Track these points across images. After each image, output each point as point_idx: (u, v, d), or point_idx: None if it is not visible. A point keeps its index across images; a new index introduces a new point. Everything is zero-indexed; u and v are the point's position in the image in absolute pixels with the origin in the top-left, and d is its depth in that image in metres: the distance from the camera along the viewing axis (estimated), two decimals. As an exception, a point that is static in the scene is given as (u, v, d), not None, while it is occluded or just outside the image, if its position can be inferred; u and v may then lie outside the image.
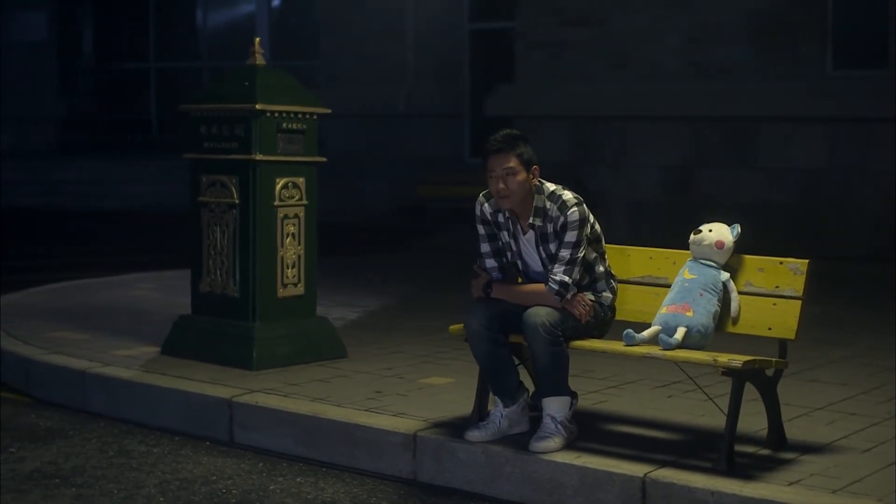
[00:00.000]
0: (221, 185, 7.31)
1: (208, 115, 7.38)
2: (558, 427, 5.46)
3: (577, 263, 5.43)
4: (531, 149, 5.52)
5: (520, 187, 5.45)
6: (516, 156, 5.44)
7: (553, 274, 5.44)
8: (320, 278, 11.09)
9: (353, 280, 11.59)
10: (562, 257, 5.43)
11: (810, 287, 5.43)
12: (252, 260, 7.21)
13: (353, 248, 14.98)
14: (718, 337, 5.60)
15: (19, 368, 7.60)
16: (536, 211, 5.50)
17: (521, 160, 5.44)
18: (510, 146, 5.45)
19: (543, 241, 5.51)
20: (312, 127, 7.45)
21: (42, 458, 6.16)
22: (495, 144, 5.48)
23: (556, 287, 5.42)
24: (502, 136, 5.51)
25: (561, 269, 5.43)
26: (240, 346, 7.20)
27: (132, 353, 7.62)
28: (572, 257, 5.43)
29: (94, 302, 9.78)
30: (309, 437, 6.13)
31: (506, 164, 5.43)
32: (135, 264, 12.44)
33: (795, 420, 6.04)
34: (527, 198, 5.50)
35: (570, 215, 5.43)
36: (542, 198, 5.51)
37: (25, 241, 16.54)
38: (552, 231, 5.47)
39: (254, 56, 7.47)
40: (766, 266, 5.48)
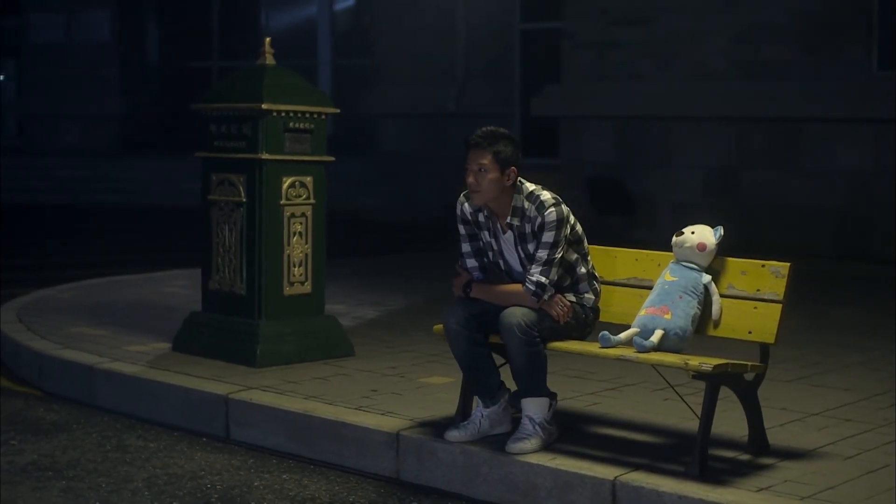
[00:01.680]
0: (230, 183, 7.38)
1: (217, 114, 7.45)
2: (536, 428, 5.44)
3: (554, 264, 5.41)
4: (513, 149, 5.47)
5: (489, 185, 5.43)
6: (492, 153, 5.41)
7: (530, 275, 5.43)
8: (352, 277, 11.25)
9: (386, 279, 11.63)
10: (539, 258, 5.42)
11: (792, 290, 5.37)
12: (258, 258, 7.27)
13: (400, 247, 15.04)
14: (700, 340, 5.55)
15: (33, 363, 7.73)
16: (515, 211, 5.49)
17: (495, 158, 5.42)
18: (488, 143, 5.43)
19: (522, 241, 5.50)
20: (321, 126, 7.49)
21: (40, 451, 6.26)
22: (475, 139, 5.46)
23: (533, 288, 5.40)
24: (483, 131, 5.49)
25: (538, 270, 5.41)
26: (245, 344, 7.26)
27: (144, 349, 7.72)
28: (549, 258, 5.41)
29: (123, 298, 9.90)
30: (300, 434, 6.18)
31: (480, 160, 5.42)
32: (186, 260, 12.58)
33: (788, 425, 5.98)
34: (503, 197, 5.48)
35: (547, 216, 5.41)
36: (520, 198, 5.49)
37: (81, 237, 16.82)
38: (530, 231, 5.46)
39: (263, 56, 7.53)
40: (749, 269, 5.42)
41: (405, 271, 12.32)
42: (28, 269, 12.52)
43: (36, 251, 15.07)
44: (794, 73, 13.48)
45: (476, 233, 5.66)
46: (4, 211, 20.27)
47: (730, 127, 13.94)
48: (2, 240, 16.40)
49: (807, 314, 9.25)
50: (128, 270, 11.90)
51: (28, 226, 18.33)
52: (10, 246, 15.65)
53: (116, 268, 12.20)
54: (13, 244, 15.95)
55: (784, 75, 13.58)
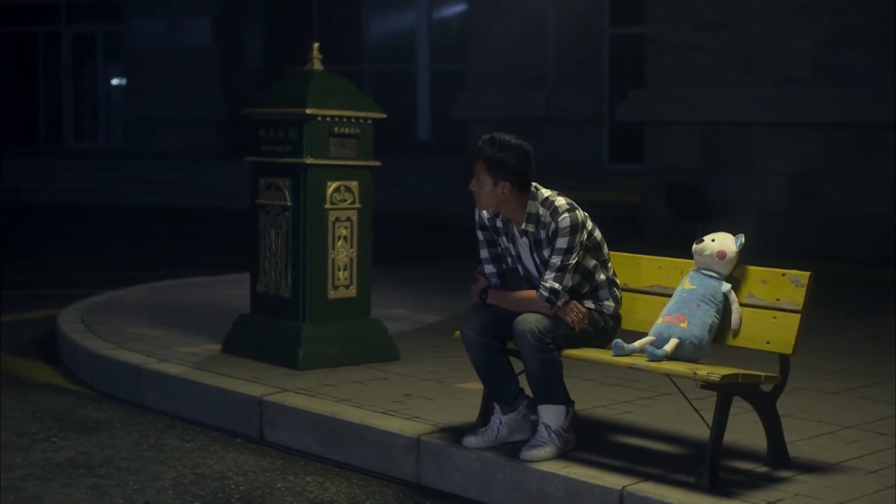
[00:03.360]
0: (276, 187, 7.46)
1: (265, 118, 7.53)
2: (552, 436, 5.41)
3: (568, 270, 5.37)
4: (514, 161, 5.38)
5: (484, 195, 5.44)
6: (486, 164, 5.39)
7: (544, 281, 5.39)
8: (425, 281, 11.28)
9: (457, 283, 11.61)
10: (553, 264, 5.38)
11: (812, 300, 5.25)
12: (303, 261, 7.33)
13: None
14: (721, 350, 5.47)
15: (88, 362, 7.89)
16: (529, 217, 5.46)
17: (489, 170, 5.39)
18: (484, 152, 5.41)
19: (537, 247, 5.47)
20: (367, 131, 7.52)
21: (78, 449, 6.38)
22: (479, 147, 5.46)
23: (546, 294, 5.37)
24: (485, 139, 5.47)
25: (552, 276, 5.38)
26: (288, 346, 7.33)
27: (195, 350, 7.83)
28: (563, 264, 5.37)
29: (190, 299, 10.05)
30: (327, 437, 6.22)
31: (476, 168, 5.43)
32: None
33: (818, 437, 5.87)
34: (511, 204, 5.46)
35: (560, 221, 5.37)
36: (535, 203, 5.46)
37: (171, 239, 17.13)
38: (545, 237, 5.43)
39: (311, 61, 7.58)
40: (769, 278, 5.33)
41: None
42: (111, 269, 12.81)
43: (124, 252, 15.40)
44: (878, 79, 13.19)
45: (494, 239, 5.65)
46: (101, 213, 20.75)
47: (812, 132, 13.69)
48: (94, 240, 16.81)
49: (869, 324, 9.06)
50: (209, 272, 12.07)
51: (123, 227, 18.74)
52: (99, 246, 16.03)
53: (199, 269, 12.39)
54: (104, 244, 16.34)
55: (868, 80, 13.30)
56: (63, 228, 18.76)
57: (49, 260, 14.46)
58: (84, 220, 19.95)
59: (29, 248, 15.72)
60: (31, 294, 11.40)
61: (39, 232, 18.17)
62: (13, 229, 18.32)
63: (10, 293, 11.51)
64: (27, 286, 12.03)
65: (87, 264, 13.94)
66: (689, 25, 14.43)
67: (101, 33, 26.95)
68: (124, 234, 17.94)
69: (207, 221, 19.30)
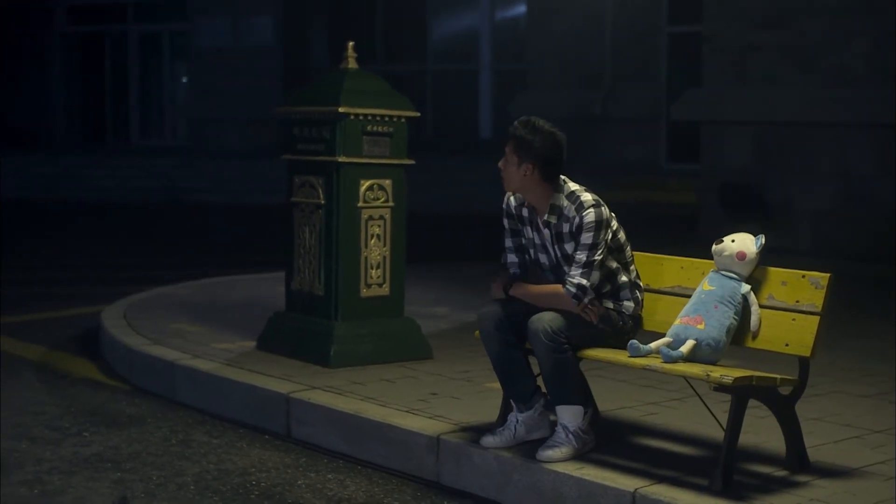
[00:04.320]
0: (310, 185, 7.48)
1: (300, 117, 7.56)
2: (570, 437, 5.37)
3: (594, 267, 5.34)
4: (541, 146, 5.37)
5: (510, 175, 5.45)
6: (515, 144, 5.41)
7: (570, 276, 5.35)
8: (470, 280, 11.26)
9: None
10: (578, 260, 5.35)
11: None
12: (335, 259, 7.35)
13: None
14: (739, 352, 5.41)
15: (125, 358, 7.97)
16: (553, 208, 5.44)
17: (516, 150, 5.40)
18: (515, 131, 5.43)
19: (559, 240, 5.44)
20: (401, 130, 7.52)
21: (107, 443, 6.45)
22: (512, 126, 5.49)
23: (574, 290, 5.33)
24: (521, 120, 5.49)
25: (578, 272, 5.34)
26: (321, 344, 7.35)
27: (231, 347, 7.88)
28: (589, 260, 5.33)
29: (234, 296, 10.12)
30: (351, 435, 6.23)
31: (507, 148, 5.45)
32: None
33: (843, 442, 5.78)
34: (536, 191, 5.44)
35: (585, 216, 5.34)
36: (560, 196, 5.44)
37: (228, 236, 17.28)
38: (568, 231, 5.40)
39: (346, 60, 7.59)
40: (789, 279, 5.25)
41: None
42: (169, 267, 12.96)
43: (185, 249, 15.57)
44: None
45: (519, 228, 5.63)
46: (165, 210, 20.97)
47: (869, 133, 13.49)
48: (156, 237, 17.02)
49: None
50: (264, 269, 12.15)
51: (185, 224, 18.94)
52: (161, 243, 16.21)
53: (254, 266, 12.47)
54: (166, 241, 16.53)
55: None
56: (126, 225, 18.98)
57: (109, 257, 14.63)
58: (148, 217, 20.18)
59: (91, 245, 15.94)
60: (86, 290, 11.54)
61: (102, 229, 18.39)
62: (78, 226, 18.59)
63: (68, 289, 11.69)
64: (85, 282, 12.19)
65: (146, 261, 14.10)
66: (745, 24, 14.28)
67: (168, 33, 27.22)
68: (186, 232, 18.14)
69: (269, 219, 19.41)
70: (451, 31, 25.74)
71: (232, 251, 15.33)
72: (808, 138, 13.93)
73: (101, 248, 15.70)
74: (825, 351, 7.72)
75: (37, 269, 13.24)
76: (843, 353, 7.94)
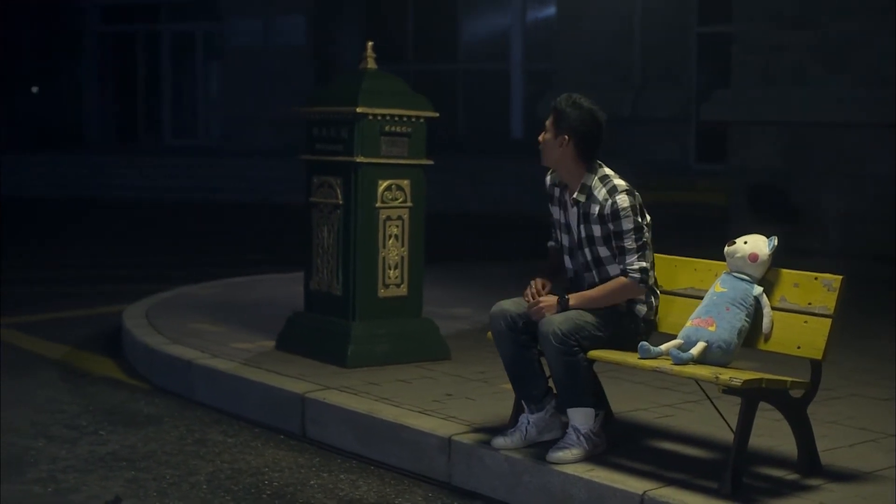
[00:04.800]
0: (328, 185, 7.49)
1: (318, 117, 7.58)
2: (580, 439, 5.36)
3: (647, 248, 5.39)
4: (577, 120, 5.43)
5: (547, 147, 5.50)
6: (555, 117, 5.48)
7: (628, 264, 5.37)
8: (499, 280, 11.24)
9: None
10: (629, 247, 5.37)
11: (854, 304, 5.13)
12: (353, 259, 7.36)
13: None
14: (757, 354, 5.38)
15: (145, 357, 8.00)
16: (583, 187, 5.47)
17: (554, 123, 5.47)
18: (556, 105, 5.49)
19: (585, 220, 5.47)
20: (419, 130, 7.51)
21: (123, 442, 6.48)
22: (553, 101, 5.56)
23: (639, 275, 5.36)
24: (564, 95, 5.54)
25: (634, 257, 5.37)
26: (338, 344, 7.36)
27: (250, 347, 7.89)
28: (639, 244, 5.37)
29: (258, 295, 10.13)
30: (364, 435, 6.24)
31: (547, 122, 5.52)
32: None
33: (859, 445, 5.74)
34: (570, 167, 5.49)
35: (619, 200, 5.36)
36: (592, 177, 5.47)
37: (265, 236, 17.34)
38: (597, 214, 5.42)
39: (365, 60, 7.60)
40: (802, 281, 5.21)
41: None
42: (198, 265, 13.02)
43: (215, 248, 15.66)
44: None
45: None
46: (197, 209, 21.07)
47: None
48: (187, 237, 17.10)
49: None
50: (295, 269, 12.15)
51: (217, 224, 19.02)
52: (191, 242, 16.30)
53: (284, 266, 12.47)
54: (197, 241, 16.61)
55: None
56: (154, 224, 19.08)
57: (135, 256, 14.72)
58: (176, 216, 20.29)
59: (118, 244, 16.03)
60: (111, 289, 11.61)
61: (130, 228, 18.50)
62: (105, 225, 18.70)
63: (94, 287, 11.76)
64: (110, 281, 12.26)
65: (172, 260, 14.18)
66: (774, 24, 14.19)
67: (201, 32, 27.32)
68: (213, 231, 18.21)
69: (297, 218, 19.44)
70: (483, 30, 25.73)
71: (259, 250, 15.38)
72: (837, 139, 13.83)
73: (127, 246, 15.80)
74: (845, 353, 7.69)
75: (64, 268, 13.33)
76: (864, 356, 7.88)
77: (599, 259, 5.49)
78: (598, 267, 5.50)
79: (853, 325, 8.60)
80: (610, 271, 5.47)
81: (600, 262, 5.49)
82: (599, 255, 5.49)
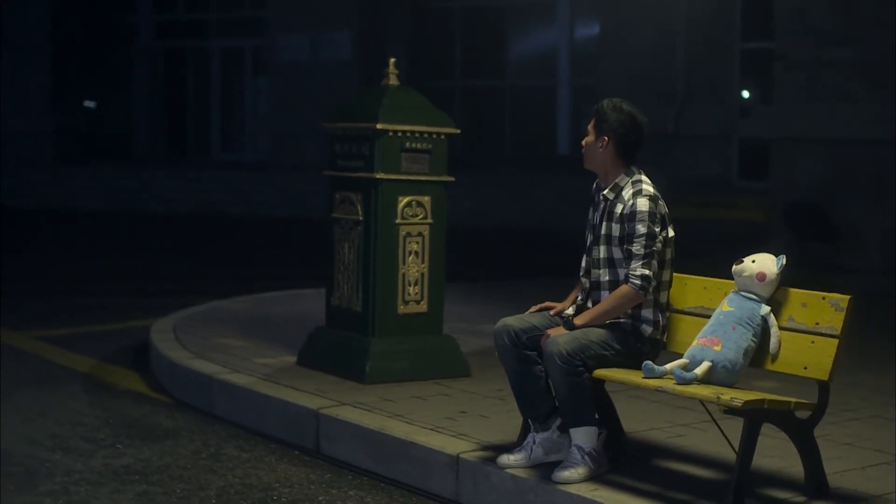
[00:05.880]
0: (349, 201, 7.51)
1: (340, 133, 7.60)
2: (585, 458, 5.32)
3: (654, 257, 5.36)
4: (617, 122, 5.48)
5: (589, 149, 5.56)
6: (596, 119, 5.54)
7: (632, 270, 5.35)
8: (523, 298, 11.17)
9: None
10: (636, 252, 5.35)
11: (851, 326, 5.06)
12: (373, 276, 7.36)
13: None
14: (759, 374, 5.32)
15: (168, 371, 8.04)
16: (614, 187, 5.52)
17: (596, 125, 5.53)
18: (597, 108, 5.55)
19: (608, 218, 5.49)
20: (440, 146, 7.51)
21: (138, 456, 6.51)
22: (596, 105, 5.62)
23: (639, 282, 5.34)
24: (605, 100, 5.59)
25: (639, 264, 5.35)
26: (357, 360, 7.36)
27: (272, 362, 7.92)
28: (648, 251, 5.35)
29: (289, 311, 10.15)
30: (375, 452, 6.23)
31: (589, 126, 5.58)
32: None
33: (871, 468, 5.66)
34: (608, 167, 5.53)
35: (639, 203, 5.37)
36: (626, 179, 5.51)
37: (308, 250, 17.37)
38: (619, 213, 5.43)
39: (387, 76, 7.60)
40: (810, 301, 5.15)
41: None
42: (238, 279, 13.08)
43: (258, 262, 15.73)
44: None
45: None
46: (236, 223, 21.19)
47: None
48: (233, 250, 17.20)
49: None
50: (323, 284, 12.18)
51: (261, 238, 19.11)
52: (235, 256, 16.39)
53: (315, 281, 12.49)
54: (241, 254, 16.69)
55: None
56: (197, 238, 19.21)
57: (175, 269, 14.82)
58: (220, 230, 20.42)
59: (159, 257, 16.14)
60: (146, 302, 11.66)
61: (173, 241, 18.63)
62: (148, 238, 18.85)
63: (129, 300, 11.84)
64: (147, 294, 12.34)
65: (212, 273, 14.26)
66: (816, 41, 14.06)
67: (250, 48, 27.49)
68: (256, 245, 18.30)
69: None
70: (530, 46, 25.67)
71: (301, 265, 15.40)
72: (878, 156, 13.68)
73: (171, 260, 15.90)
74: (870, 374, 7.60)
75: (103, 280, 13.43)
76: (888, 377, 7.77)
77: (612, 259, 5.49)
78: (610, 267, 5.50)
79: (883, 346, 8.51)
80: (620, 274, 5.46)
81: (612, 263, 5.49)
82: (613, 255, 5.49)
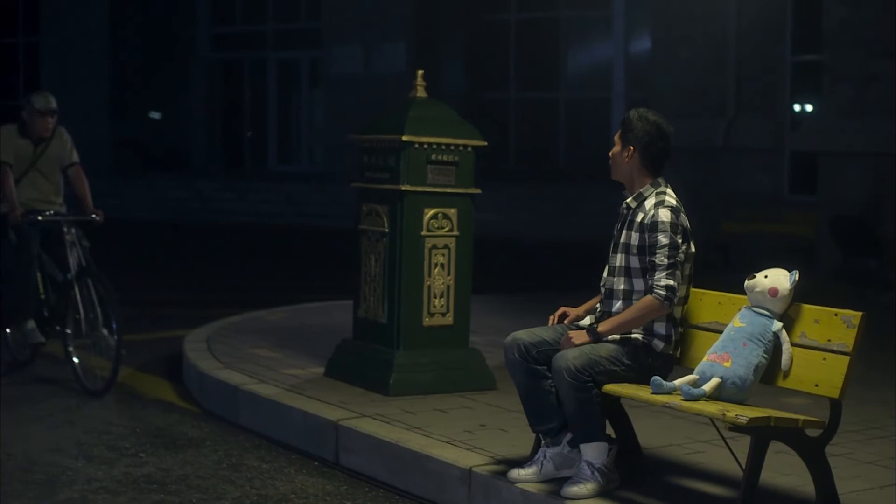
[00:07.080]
0: (376, 213, 7.52)
1: (368, 145, 7.62)
2: (595, 474, 5.29)
3: (677, 267, 5.33)
4: (642, 131, 5.46)
5: (615, 159, 5.55)
6: (623, 129, 5.53)
7: (656, 281, 5.32)
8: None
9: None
10: (660, 263, 5.32)
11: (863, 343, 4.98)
12: (398, 288, 7.36)
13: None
14: (773, 391, 5.25)
15: (197, 381, 8.09)
16: (638, 195, 5.50)
17: (622, 134, 5.53)
18: (624, 119, 5.55)
19: (628, 227, 5.47)
20: (467, 159, 7.51)
21: (160, 465, 6.55)
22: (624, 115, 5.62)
23: (664, 293, 5.30)
24: (632, 110, 5.59)
25: (663, 275, 5.32)
26: (381, 372, 7.37)
27: (298, 373, 7.94)
28: (671, 261, 5.32)
29: (324, 322, 10.16)
30: (392, 464, 6.23)
31: (616, 136, 5.58)
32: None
33: (888, 488, 5.58)
34: (634, 176, 5.52)
35: (661, 213, 5.35)
36: (651, 189, 5.49)
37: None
38: (640, 221, 5.41)
39: (415, 88, 7.62)
40: (822, 317, 5.07)
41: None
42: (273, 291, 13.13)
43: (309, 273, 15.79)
44: None
45: None
46: (289, 234, 21.29)
47: None
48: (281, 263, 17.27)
49: None
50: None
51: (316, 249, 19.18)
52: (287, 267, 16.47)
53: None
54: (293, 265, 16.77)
55: None
56: (249, 249, 19.33)
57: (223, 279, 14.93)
58: (273, 241, 20.52)
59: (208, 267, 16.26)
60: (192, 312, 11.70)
61: (223, 252, 18.76)
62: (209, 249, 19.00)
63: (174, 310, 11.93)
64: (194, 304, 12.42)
65: (257, 284, 14.33)
66: (865, 53, 13.93)
67: (306, 59, 27.65)
68: (307, 256, 18.38)
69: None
70: (585, 59, 25.65)
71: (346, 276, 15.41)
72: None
73: (218, 270, 16.01)
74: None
75: (153, 291, 13.53)
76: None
77: (629, 269, 5.45)
78: (627, 276, 5.46)
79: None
80: (635, 284, 5.42)
81: (629, 272, 5.45)
82: (630, 264, 5.45)
